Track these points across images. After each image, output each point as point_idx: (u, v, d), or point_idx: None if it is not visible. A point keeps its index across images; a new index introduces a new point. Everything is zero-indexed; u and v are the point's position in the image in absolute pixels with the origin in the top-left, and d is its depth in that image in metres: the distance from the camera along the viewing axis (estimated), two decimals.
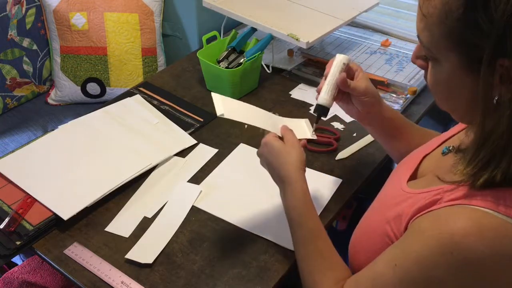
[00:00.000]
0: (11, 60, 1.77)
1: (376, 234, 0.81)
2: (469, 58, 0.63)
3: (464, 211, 0.65)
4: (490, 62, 0.60)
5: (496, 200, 0.64)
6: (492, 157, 0.63)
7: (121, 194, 1.16)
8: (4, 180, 1.16)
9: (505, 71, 0.60)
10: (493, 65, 0.60)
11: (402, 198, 0.78)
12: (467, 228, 0.62)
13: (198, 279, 0.98)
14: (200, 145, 1.31)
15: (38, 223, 1.06)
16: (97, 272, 0.99)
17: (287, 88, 1.38)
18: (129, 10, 1.81)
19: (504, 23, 0.57)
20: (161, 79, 1.57)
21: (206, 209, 1.12)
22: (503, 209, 0.63)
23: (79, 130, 1.32)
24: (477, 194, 0.65)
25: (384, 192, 0.91)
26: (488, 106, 0.62)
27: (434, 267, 0.65)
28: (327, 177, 1.19)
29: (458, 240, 0.62)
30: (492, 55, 0.59)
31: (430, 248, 0.65)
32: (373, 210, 0.90)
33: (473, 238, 0.62)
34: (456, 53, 0.64)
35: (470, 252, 0.62)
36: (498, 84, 0.61)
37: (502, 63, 0.59)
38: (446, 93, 0.69)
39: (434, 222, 0.67)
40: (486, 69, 0.60)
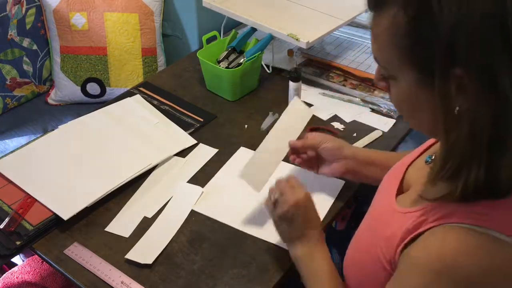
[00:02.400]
0: (11, 60, 1.77)
1: (368, 257, 0.81)
2: (424, 72, 0.62)
3: (450, 232, 0.64)
4: (443, 74, 0.59)
5: (479, 215, 0.63)
6: (459, 168, 0.62)
7: (121, 194, 1.16)
8: (4, 180, 1.16)
9: (459, 81, 0.59)
10: (447, 76, 0.59)
11: (391, 217, 0.78)
12: (455, 249, 0.62)
13: (198, 279, 0.98)
14: (200, 145, 1.31)
15: (38, 223, 1.06)
16: (97, 272, 0.99)
17: (287, 88, 1.39)
18: (129, 10, 1.81)
19: (449, 33, 0.57)
20: (161, 79, 1.57)
21: (206, 213, 1.12)
22: (487, 223, 0.62)
23: (79, 130, 1.32)
24: (461, 210, 0.65)
25: (374, 207, 0.90)
26: (449, 117, 0.61)
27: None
28: (329, 179, 1.19)
29: (448, 263, 0.62)
30: (444, 66, 0.59)
31: (424, 277, 0.65)
32: (364, 228, 0.89)
33: (462, 258, 0.62)
34: (410, 69, 0.63)
35: (462, 272, 0.62)
36: (456, 94, 0.60)
37: (455, 73, 0.59)
38: (410, 110, 0.69)
39: (423, 249, 0.66)
40: (440, 81, 0.60)
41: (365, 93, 1.47)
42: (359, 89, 1.49)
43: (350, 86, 1.51)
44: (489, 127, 0.59)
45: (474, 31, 0.56)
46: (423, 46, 0.60)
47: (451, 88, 0.60)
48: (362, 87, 1.50)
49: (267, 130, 1.34)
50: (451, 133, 0.62)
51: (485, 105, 0.58)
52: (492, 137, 0.59)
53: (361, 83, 1.51)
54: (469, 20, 0.56)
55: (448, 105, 0.61)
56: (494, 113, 0.59)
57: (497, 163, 0.61)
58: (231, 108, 1.45)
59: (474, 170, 0.61)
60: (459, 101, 0.60)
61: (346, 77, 1.54)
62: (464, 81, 0.59)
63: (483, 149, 0.60)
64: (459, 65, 0.58)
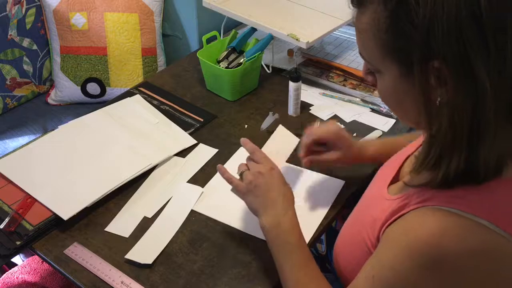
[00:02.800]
0: (11, 60, 1.77)
1: (356, 242, 0.83)
2: (404, 65, 0.64)
3: (429, 213, 0.66)
4: (422, 66, 0.62)
5: (459, 199, 0.65)
6: (441, 157, 0.65)
7: (121, 194, 1.16)
8: (4, 180, 1.16)
9: (438, 73, 0.61)
10: (426, 69, 0.62)
11: (379, 203, 0.79)
12: (433, 229, 0.64)
13: (198, 279, 0.98)
14: (200, 145, 1.31)
15: (38, 223, 1.06)
16: (97, 272, 0.99)
17: (287, 88, 1.39)
18: (129, 10, 1.81)
19: (426, 26, 0.59)
20: (161, 79, 1.57)
21: (206, 213, 1.12)
22: (465, 207, 0.64)
23: (79, 130, 1.32)
24: (440, 194, 0.66)
25: (365, 195, 0.92)
26: (430, 109, 0.64)
27: (408, 272, 0.66)
28: (329, 179, 1.19)
29: (425, 242, 0.64)
30: (422, 58, 0.61)
31: (402, 254, 0.66)
32: (354, 215, 0.91)
33: (438, 238, 0.63)
34: (393, 62, 0.66)
35: (438, 252, 0.63)
36: (436, 86, 0.62)
37: (433, 65, 0.61)
38: (396, 103, 0.71)
39: (402, 228, 0.69)
40: (420, 74, 0.62)
41: (365, 93, 1.47)
42: (359, 89, 1.49)
43: (350, 86, 1.51)
44: (468, 117, 0.61)
45: (449, 24, 0.58)
46: (402, 40, 0.62)
47: (431, 80, 0.62)
48: (362, 87, 1.50)
49: (267, 130, 1.34)
50: (433, 123, 0.64)
51: (464, 95, 0.60)
52: (471, 127, 0.61)
53: (361, 83, 1.51)
54: (444, 13, 0.58)
55: (429, 97, 0.63)
56: (472, 103, 0.60)
57: (476, 151, 0.62)
58: (231, 108, 1.45)
59: (455, 159, 0.63)
60: (440, 92, 0.62)
61: (346, 77, 1.54)
62: (443, 73, 0.61)
63: (464, 138, 0.62)
64: (437, 58, 0.60)
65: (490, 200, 0.65)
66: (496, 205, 0.64)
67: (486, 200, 0.65)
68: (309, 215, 1.10)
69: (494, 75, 0.59)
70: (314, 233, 1.07)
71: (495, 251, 0.63)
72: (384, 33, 0.64)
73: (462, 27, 0.58)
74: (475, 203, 0.64)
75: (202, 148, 1.30)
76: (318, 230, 1.07)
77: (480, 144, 0.62)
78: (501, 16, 0.58)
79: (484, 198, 0.65)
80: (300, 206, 1.13)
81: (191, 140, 1.31)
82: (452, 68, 0.60)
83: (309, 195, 1.15)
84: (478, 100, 0.60)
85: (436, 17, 0.58)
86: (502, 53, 0.59)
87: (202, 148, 1.30)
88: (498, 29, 0.58)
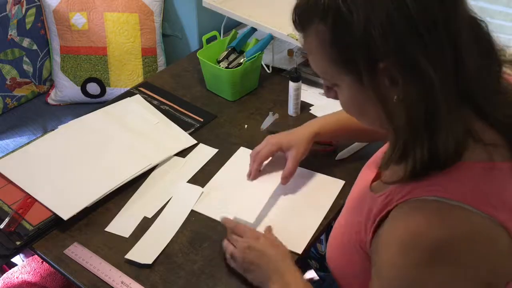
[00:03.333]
0: (11, 60, 1.77)
1: (346, 241, 0.84)
2: (357, 74, 0.67)
3: (412, 205, 0.67)
4: (370, 71, 0.65)
5: (435, 187, 0.66)
6: (405, 151, 0.67)
7: (121, 194, 1.16)
8: (4, 180, 1.16)
9: (388, 73, 0.64)
10: (375, 72, 0.65)
11: (364, 202, 0.80)
12: (419, 220, 0.65)
13: (198, 279, 0.98)
14: (200, 145, 1.31)
15: (38, 223, 1.06)
16: (97, 272, 0.99)
17: (287, 88, 1.39)
18: (129, 10, 1.81)
19: (363, 34, 0.63)
20: (161, 79, 1.57)
21: (206, 213, 1.12)
22: (442, 193, 0.65)
23: (79, 130, 1.32)
24: (418, 185, 0.68)
25: (351, 195, 0.92)
26: (388, 109, 0.67)
27: (408, 268, 0.66)
28: (329, 179, 1.19)
29: (415, 234, 0.65)
30: (368, 63, 0.64)
31: (396, 252, 0.67)
32: (342, 216, 0.92)
33: (426, 228, 0.64)
34: (346, 74, 0.69)
35: (429, 241, 0.64)
36: (389, 86, 0.65)
37: (380, 67, 0.64)
38: (358, 111, 0.74)
39: (390, 227, 0.70)
40: (370, 78, 0.66)
41: None
42: None
43: None
44: (422, 110, 0.64)
45: (384, 27, 0.62)
46: (346, 51, 0.66)
47: (384, 82, 0.65)
48: None
49: (267, 130, 1.34)
50: (394, 122, 0.67)
51: (415, 90, 0.64)
52: (426, 118, 0.64)
53: None
54: (377, 18, 0.62)
55: (385, 98, 0.66)
56: (423, 96, 0.63)
57: (435, 140, 0.65)
58: (231, 108, 1.45)
59: (418, 150, 0.66)
60: (394, 91, 0.65)
61: None
62: (393, 73, 0.64)
63: (422, 130, 0.65)
64: (381, 59, 0.64)
65: (463, 184, 0.66)
66: (468, 188, 0.65)
67: (459, 184, 0.66)
68: (309, 215, 1.10)
69: (438, 68, 0.62)
70: (314, 233, 1.07)
71: (483, 232, 0.64)
72: (330, 48, 0.67)
73: (396, 28, 0.62)
74: (452, 188, 0.65)
75: (202, 148, 1.30)
76: (318, 230, 1.07)
77: (437, 133, 0.64)
78: (430, 13, 0.62)
79: (457, 182, 0.66)
80: (300, 206, 1.13)
81: (191, 140, 1.31)
82: (398, 67, 0.64)
83: (309, 195, 1.15)
84: (428, 93, 0.63)
85: (370, 23, 0.62)
86: (439, 47, 0.63)
87: (202, 148, 1.30)
88: (430, 25, 0.62)
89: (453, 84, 0.64)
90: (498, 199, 0.65)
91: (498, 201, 0.64)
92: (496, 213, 0.63)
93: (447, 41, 0.63)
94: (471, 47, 0.65)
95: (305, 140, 1.13)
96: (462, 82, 0.65)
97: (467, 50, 0.64)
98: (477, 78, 0.66)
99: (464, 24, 0.65)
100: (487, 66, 0.67)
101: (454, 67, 0.64)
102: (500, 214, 0.63)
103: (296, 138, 1.14)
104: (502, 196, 0.65)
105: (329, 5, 0.65)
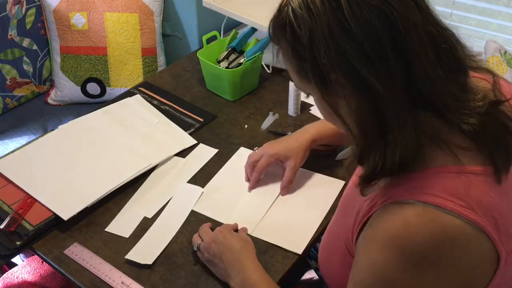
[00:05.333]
0: (11, 60, 1.77)
1: (336, 245, 0.84)
2: (318, 83, 0.69)
3: (390, 208, 0.68)
4: (323, 81, 0.68)
5: (415, 190, 0.67)
6: (361, 156, 0.70)
7: (121, 194, 1.16)
8: (4, 180, 1.16)
9: (338, 84, 0.67)
10: (327, 82, 0.68)
11: (355, 204, 0.81)
12: (395, 223, 0.66)
13: (198, 279, 0.98)
14: (200, 145, 1.31)
15: (38, 223, 1.06)
16: (97, 273, 0.99)
17: (287, 88, 1.38)
18: (129, 10, 1.81)
19: (311, 46, 0.66)
20: (161, 79, 1.57)
21: (206, 213, 1.12)
22: (419, 197, 0.66)
23: (79, 130, 1.32)
24: (399, 189, 0.69)
25: (345, 193, 0.93)
26: (343, 117, 0.70)
27: (381, 268, 0.67)
28: (329, 179, 1.19)
29: (390, 236, 0.66)
30: (319, 74, 0.67)
31: (373, 252, 0.68)
32: (334, 218, 0.92)
33: (402, 230, 0.65)
34: (310, 83, 0.71)
35: (403, 243, 0.65)
36: (343, 96, 0.68)
37: (331, 78, 0.67)
38: (328, 118, 0.76)
39: (371, 229, 0.71)
40: (323, 87, 0.68)
41: None
42: None
43: None
44: (372, 119, 0.66)
45: (327, 40, 0.65)
46: (304, 62, 0.69)
47: (338, 92, 0.68)
48: None
49: (267, 130, 1.34)
50: (351, 129, 0.70)
51: (362, 100, 0.66)
52: (378, 127, 0.66)
53: None
54: (320, 31, 0.65)
55: (337, 107, 0.70)
56: (372, 106, 0.65)
57: (389, 148, 0.66)
58: (231, 108, 1.45)
59: (372, 157, 0.68)
60: (346, 101, 0.68)
61: None
62: (342, 84, 0.66)
63: (375, 138, 0.67)
64: (330, 70, 0.66)
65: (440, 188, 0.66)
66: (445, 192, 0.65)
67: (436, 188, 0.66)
68: (309, 215, 1.10)
69: (385, 82, 0.64)
70: (314, 234, 1.07)
71: (461, 235, 0.64)
72: (293, 60, 0.72)
73: (338, 41, 0.64)
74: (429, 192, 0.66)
75: (202, 148, 1.30)
76: (318, 231, 1.07)
77: (390, 141, 0.66)
78: (368, 26, 0.63)
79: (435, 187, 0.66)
80: (300, 206, 1.13)
81: (191, 140, 1.31)
82: (346, 79, 0.66)
83: (309, 195, 1.15)
84: (377, 104, 0.65)
85: (315, 36, 0.65)
86: (384, 57, 0.63)
87: (202, 148, 1.30)
88: (370, 38, 0.63)
89: (404, 96, 0.65)
90: (475, 202, 0.64)
91: (475, 205, 0.64)
92: (474, 216, 0.63)
93: (393, 56, 0.63)
94: (426, 59, 0.65)
95: (302, 150, 1.14)
96: (418, 93, 0.65)
97: (421, 62, 0.64)
98: (437, 89, 0.66)
99: (417, 38, 0.64)
100: (448, 76, 0.67)
101: (404, 79, 0.64)
102: (478, 218, 0.64)
103: (293, 147, 1.14)
104: (478, 199, 0.65)
105: (286, 21, 0.70)
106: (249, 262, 0.94)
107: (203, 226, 1.04)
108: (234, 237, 0.99)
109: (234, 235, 1.00)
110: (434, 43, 0.66)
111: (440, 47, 0.66)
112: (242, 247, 0.96)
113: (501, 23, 1.56)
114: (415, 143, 0.66)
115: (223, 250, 0.96)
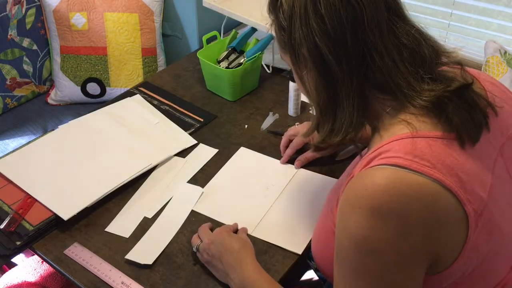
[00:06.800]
0: (11, 60, 1.77)
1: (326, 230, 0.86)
2: (291, 55, 0.79)
3: (361, 173, 0.72)
4: (296, 55, 0.77)
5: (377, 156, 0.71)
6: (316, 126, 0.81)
7: (121, 194, 1.16)
8: (4, 180, 1.16)
9: (305, 60, 0.76)
10: (299, 55, 0.77)
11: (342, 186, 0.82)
12: (363, 185, 0.69)
13: (198, 280, 0.98)
14: (200, 145, 1.31)
15: (38, 223, 1.06)
16: (97, 273, 0.99)
17: (287, 88, 1.38)
18: (129, 10, 1.81)
19: (290, 24, 0.75)
20: (161, 79, 1.57)
21: (206, 213, 1.12)
22: (384, 160, 0.70)
23: (79, 130, 1.32)
24: (367, 160, 0.73)
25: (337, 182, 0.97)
26: (307, 90, 0.80)
27: (353, 229, 0.69)
28: (329, 179, 1.19)
29: (359, 196, 0.69)
30: (294, 47, 0.76)
31: (346, 215, 0.71)
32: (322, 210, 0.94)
33: (369, 189, 0.68)
34: (287, 55, 0.81)
35: (371, 200, 0.67)
36: (307, 72, 0.77)
37: (302, 51, 0.76)
38: (300, 87, 0.84)
39: (343, 196, 0.73)
40: (296, 61, 0.78)
41: None
42: None
43: None
44: (326, 92, 0.76)
45: (301, 20, 0.73)
46: (284, 34, 0.78)
47: (305, 67, 0.77)
48: None
49: (267, 130, 1.34)
50: (312, 101, 0.80)
51: (321, 77, 0.75)
52: (331, 100, 0.76)
53: None
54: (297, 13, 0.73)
55: (304, 81, 0.79)
56: (327, 84, 0.75)
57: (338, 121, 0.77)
58: (231, 108, 1.45)
59: (323, 127, 0.80)
60: (310, 75, 0.77)
61: None
62: (307, 60, 0.76)
63: (328, 110, 0.77)
64: (300, 44, 0.75)
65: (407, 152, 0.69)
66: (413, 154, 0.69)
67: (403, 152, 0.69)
68: (309, 215, 1.10)
69: (341, 62, 0.72)
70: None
71: (429, 194, 0.66)
72: (278, 30, 0.81)
73: (308, 18, 0.72)
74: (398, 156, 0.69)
75: (202, 148, 1.30)
76: None
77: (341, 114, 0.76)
78: (335, 10, 0.71)
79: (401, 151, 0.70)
80: (300, 206, 1.13)
81: (191, 140, 1.31)
82: (308, 53, 0.75)
83: (309, 195, 1.15)
84: (331, 80, 0.74)
85: (293, 11, 0.74)
86: (343, 42, 0.71)
87: (202, 148, 1.30)
88: (333, 21, 0.71)
89: (357, 79, 0.73)
90: (439, 162, 0.68)
91: (439, 164, 0.68)
92: (438, 175, 0.66)
93: (352, 42, 0.71)
94: (386, 52, 0.72)
95: None
96: (373, 79, 0.73)
97: (379, 54, 0.72)
98: (393, 79, 0.73)
99: (378, 32, 0.72)
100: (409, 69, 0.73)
101: (361, 66, 0.73)
102: (442, 176, 0.67)
103: None
104: (441, 159, 0.68)
105: None
106: (248, 263, 0.94)
107: (203, 227, 1.04)
108: (233, 238, 0.99)
109: (233, 236, 1.00)
110: (396, 38, 0.73)
111: (402, 42, 0.73)
112: (241, 248, 0.96)
113: (501, 23, 1.56)
114: (360, 122, 0.76)
115: (222, 251, 0.96)
